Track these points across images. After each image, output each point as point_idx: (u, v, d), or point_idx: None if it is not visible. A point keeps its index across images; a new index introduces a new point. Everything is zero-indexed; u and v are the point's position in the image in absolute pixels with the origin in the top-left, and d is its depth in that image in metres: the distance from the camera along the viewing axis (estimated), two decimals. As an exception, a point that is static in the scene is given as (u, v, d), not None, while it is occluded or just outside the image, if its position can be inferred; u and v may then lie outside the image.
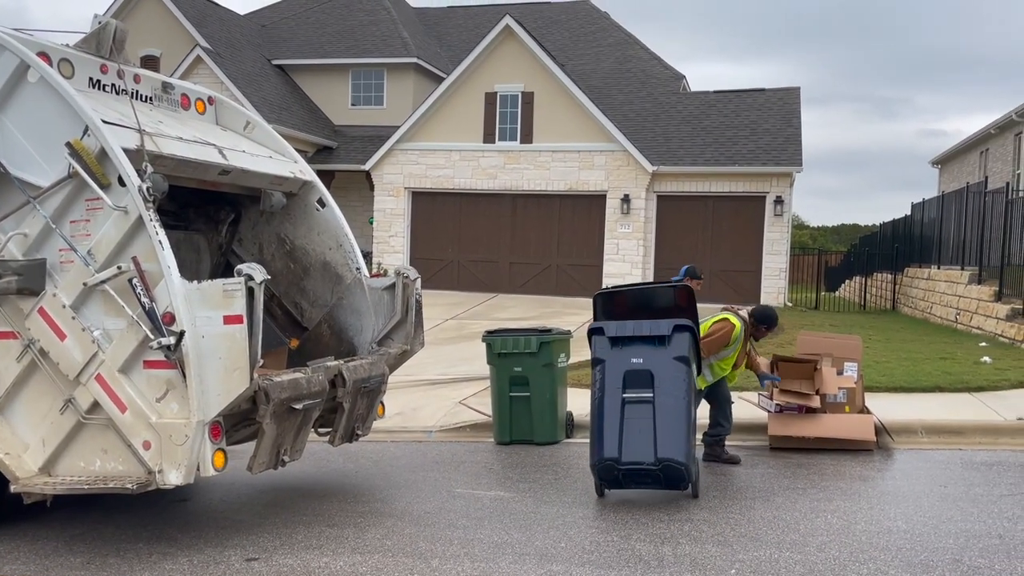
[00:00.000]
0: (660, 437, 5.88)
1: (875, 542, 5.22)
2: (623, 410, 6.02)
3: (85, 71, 5.82)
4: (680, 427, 5.94)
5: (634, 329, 6.18)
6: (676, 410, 5.98)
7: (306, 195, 6.93)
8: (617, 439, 5.96)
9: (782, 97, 22.96)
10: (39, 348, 5.27)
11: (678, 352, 6.09)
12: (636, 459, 5.90)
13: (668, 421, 5.94)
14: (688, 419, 6.02)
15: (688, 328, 6.16)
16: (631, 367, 6.09)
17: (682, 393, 6.04)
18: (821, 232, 54.46)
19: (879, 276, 24.45)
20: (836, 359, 8.18)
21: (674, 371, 6.07)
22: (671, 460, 5.86)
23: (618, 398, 6.05)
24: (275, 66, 26.22)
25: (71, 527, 5.79)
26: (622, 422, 5.99)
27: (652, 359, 6.09)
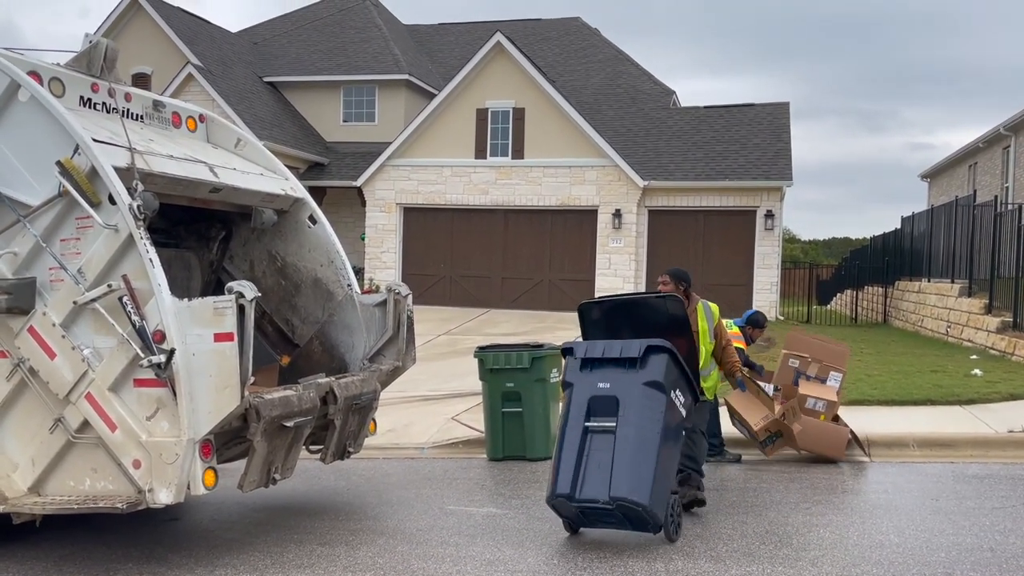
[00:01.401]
0: (616, 473, 5.22)
1: (868, 556, 5.22)
2: (584, 441, 5.39)
3: (76, 90, 5.82)
4: (643, 463, 5.24)
5: (604, 350, 5.56)
6: (640, 443, 5.27)
7: (297, 212, 6.93)
8: (572, 473, 5.33)
9: (771, 112, 23.12)
10: (29, 367, 5.24)
11: (651, 377, 5.41)
12: (590, 496, 5.27)
13: (628, 455, 5.25)
14: (655, 454, 5.26)
15: (666, 350, 5.49)
16: (597, 392, 5.48)
17: (650, 423, 5.32)
18: (812, 246, 54.69)
19: (870, 289, 24.56)
20: (823, 366, 8.09)
21: (643, 399, 5.37)
22: (625, 500, 5.17)
23: (580, 428, 5.43)
24: (266, 83, 26.27)
25: (61, 547, 5.74)
26: (581, 455, 5.36)
27: (620, 384, 5.45)
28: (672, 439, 5.52)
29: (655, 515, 5.25)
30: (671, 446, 5.51)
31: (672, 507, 5.47)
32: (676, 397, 5.54)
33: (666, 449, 5.40)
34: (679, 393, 5.57)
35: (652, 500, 5.21)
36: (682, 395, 5.60)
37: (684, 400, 5.63)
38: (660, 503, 5.31)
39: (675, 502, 5.55)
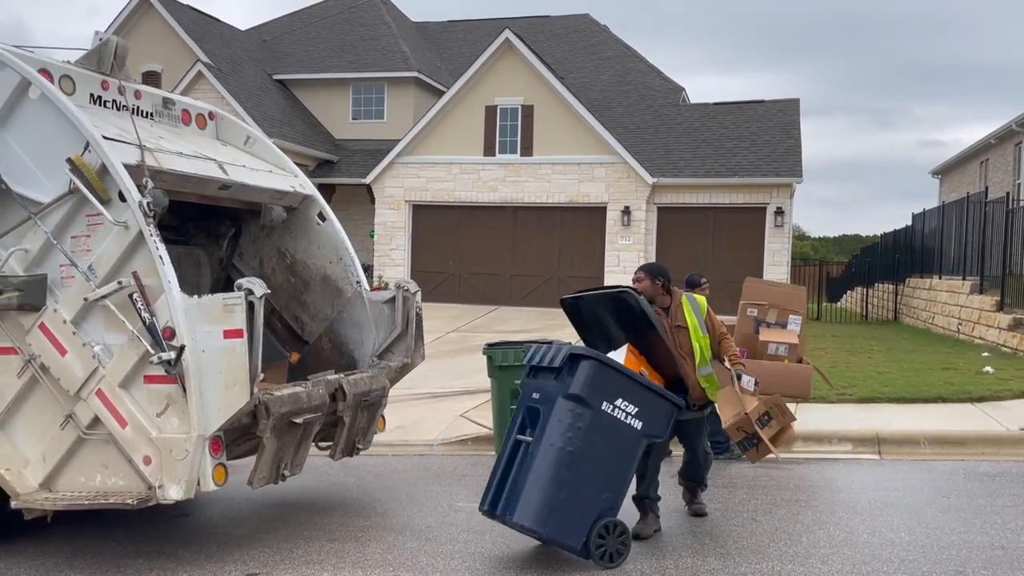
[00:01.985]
0: (510, 490, 4.97)
1: (878, 554, 5.20)
2: (514, 454, 5.10)
3: (86, 87, 5.85)
4: (539, 483, 4.83)
5: (541, 357, 5.18)
6: (543, 462, 4.87)
7: (306, 209, 6.94)
8: (496, 488, 5.11)
9: (781, 109, 23.03)
10: (40, 364, 5.27)
11: (570, 389, 4.93)
12: (503, 515, 4.99)
13: (530, 476, 4.89)
14: (559, 475, 4.83)
15: (590, 357, 4.99)
16: (531, 403, 5.16)
17: (561, 441, 4.87)
18: (822, 243, 54.52)
19: (881, 287, 24.44)
20: (781, 311, 7.78)
21: (559, 413, 4.91)
22: (518, 524, 4.87)
23: (512, 439, 5.17)
24: (276, 81, 26.32)
25: (72, 543, 5.77)
26: (509, 469, 5.09)
27: (546, 395, 5.05)
28: (601, 457, 4.94)
29: (558, 542, 4.90)
30: (598, 465, 4.94)
31: (607, 531, 4.93)
32: (617, 409, 4.99)
33: (587, 468, 4.89)
34: (623, 403, 5.00)
35: (550, 526, 4.82)
36: (630, 405, 5.02)
37: (636, 410, 5.04)
38: (565, 530, 4.84)
39: (612, 526, 4.95)
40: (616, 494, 5.06)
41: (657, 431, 5.20)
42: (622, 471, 5.09)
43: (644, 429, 5.10)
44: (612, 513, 5.01)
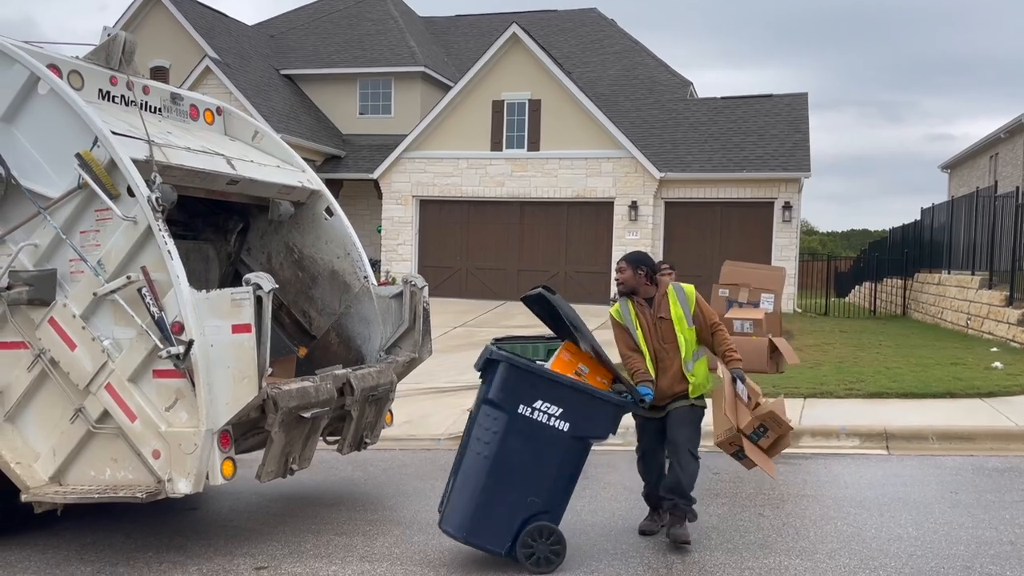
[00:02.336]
0: (447, 497, 5.10)
1: (885, 549, 5.19)
2: (455, 460, 5.18)
3: (95, 83, 5.86)
4: (463, 489, 4.88)
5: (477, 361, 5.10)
6: (468, 467, 4.90)
7: (314, 204, 6.96)
8: (444, 494, 5.22)
9: (789, 103, 22.95)
10: (50, 358, 5.29)
11: (488, 393, 4.87)
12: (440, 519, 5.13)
13: (455, 481, 4.98)
14: (476, 479, 4.83)
15: (502, 360, 4.85)
16: (473, 408, 5.18)
17: (478, 446, 4.86)
18: (830, 238, 54.34)
19: (889, 282, 24.35)
20: (754, 290, 7.62)
21: (481, 418, 4.90)
22: (444, 528, 4.99)
23: (461, 445, 5.19)
24: (283, 76, 26.35)
25: (81, 536, 5.81)
26: (451, 474, 5.19)
27: (477, 400, 5.11)
28: (522, 461, 4.82)
29: (478, 546, 4.89)
30: (520, 469, 4.83)
31: (537, 535, 4.83)
32: (537, 412, 4.81)
33: (507, 473, 4.83)
34: (544, 405, 4.80)
35: (467, 530, 4.85)
36: (552, 406, 4.81)
37: (561, 411, 4.81)
38: (488, 534, 4.82)
39: (541, 531, 4.83)
40: (547, 498, 4.87)
41: (594, 432, 4.91)
42: (550, 475, 4.87)
43: (574, 431, 4.83)
44: (546, 517, 4.86)
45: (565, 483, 4.97)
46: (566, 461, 4.90)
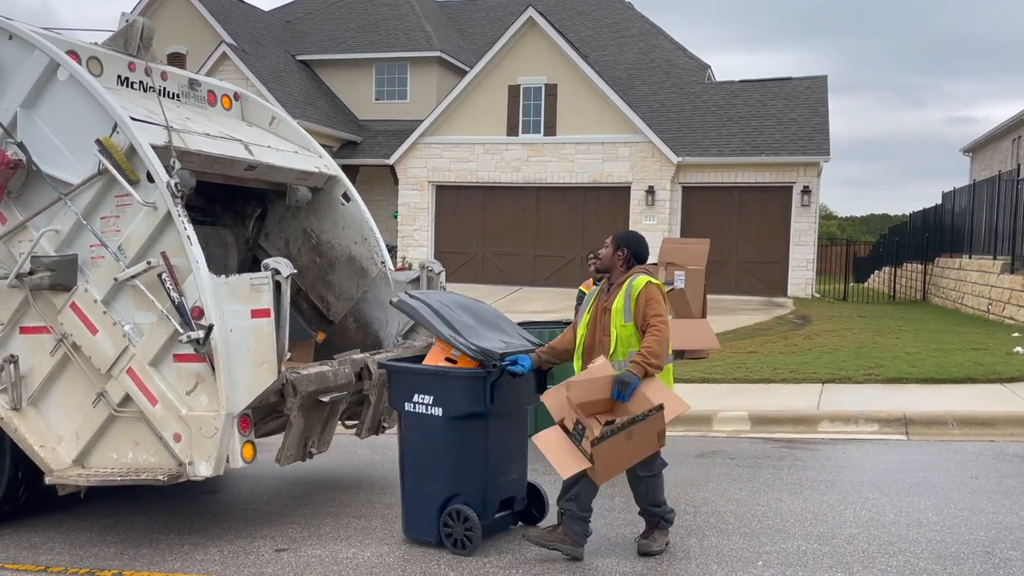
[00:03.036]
0: None
1: (905, 534, 5.17)
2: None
3: (113, 69, 5.89)
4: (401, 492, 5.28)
5: None
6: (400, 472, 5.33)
7: (331, 190, 6.97)
8: None
9: (809, 86, 22.72)
10: (72, 342, 5.35)
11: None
12: None
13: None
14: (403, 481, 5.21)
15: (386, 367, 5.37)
16: None
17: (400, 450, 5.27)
18: (849, 222, 53.89)
19: (909, 266, 24.13)
20: (669, 268, 6.83)
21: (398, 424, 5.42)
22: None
23: None
24: (299, 61, 26.36)
25: (104, 518, 5.89)
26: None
27: None
28: (422, 453, 5.07)
29: (419, 540, 5.11)
30: (423, 461, 5.08)
31: (452, 518, 4.95)
32: (417, 404, 5.04)
33: (417, 467, 5.10)
34: (420, 397, 5.03)
35: (407, 528, 5.21)
36: (425, 396, 5.01)
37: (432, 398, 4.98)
38: (421, 528, 5.09)
39: (455, 513, 4.94)
40: (450, 483, 4.99)
41: (461, 408, 4.94)
42: (444, 461, 5.01)
43: (448, 413, 4.96)
44: (459, 500, 4.98)
45: (462, 464, 5.02)
46: (454, 443, 5.00)
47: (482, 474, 5.05)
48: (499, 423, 5.09)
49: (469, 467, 5.03)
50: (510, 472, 5.24)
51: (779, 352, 11.70)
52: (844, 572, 4.58)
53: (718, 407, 8.79)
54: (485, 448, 5.03)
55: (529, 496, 5.47)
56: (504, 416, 5.12)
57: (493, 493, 5.12)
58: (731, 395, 9.34)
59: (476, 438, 5.00)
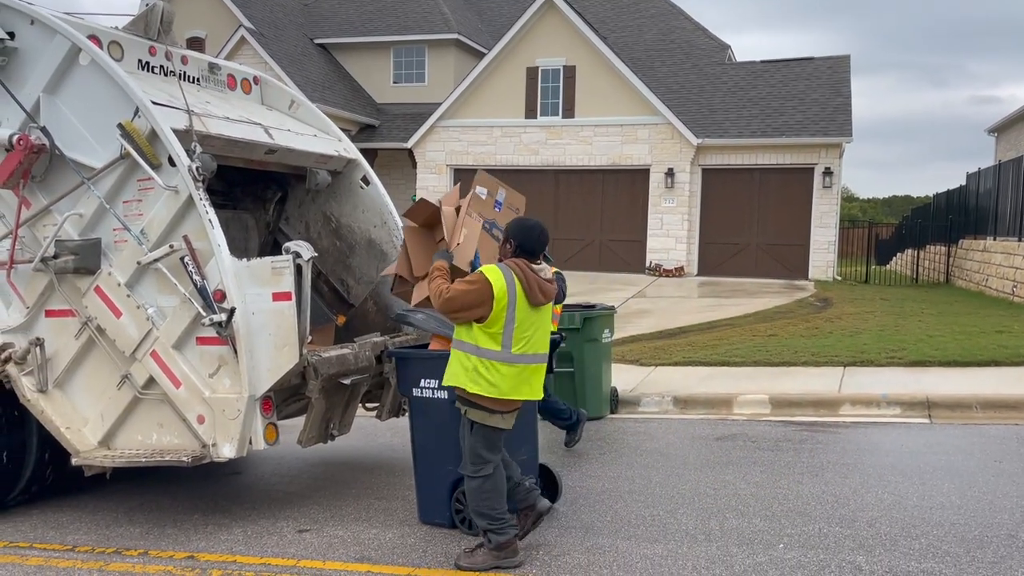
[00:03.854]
0: None
1: (928, 517, 5.14)
2: None
3: (134, 53, 5.91)
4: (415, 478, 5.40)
5: None
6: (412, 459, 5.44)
7: (350, 173, 6.98)
8: None
9: (831, 66, 22.43)
10: (96, 325, 5.41)
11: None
12: None
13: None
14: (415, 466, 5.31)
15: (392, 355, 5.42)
16: None
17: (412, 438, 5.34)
18: (871, 204, 53.33)
19: (932, 248, 23.86)
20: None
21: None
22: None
23: None
24: (317, 45, 26.35)
25: (130, 499, 5.97)
26: None
27: None
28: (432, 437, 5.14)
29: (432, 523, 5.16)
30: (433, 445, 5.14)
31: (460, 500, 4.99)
32: (424, 390, 5.12)
33: (429, 452, 5.17)
34: (426, 382, 5.09)
35: (423, 513, 5.28)
36: (432, 380, 5.06)
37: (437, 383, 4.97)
38: (433, 511, 5.16)
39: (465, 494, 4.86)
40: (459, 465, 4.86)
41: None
42: (453, 444, 4.93)
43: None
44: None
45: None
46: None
47: None
48: None
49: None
50: (519, 453, 5.23)
51: (800, 335, 11.63)
52: (866, 555, 4.57)
53: (738, 390, 8.76)
54: None
55: (542, 478, 5.48)
56: None
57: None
58: (751, 378, 9.30)
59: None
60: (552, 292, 4.55)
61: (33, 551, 5.02)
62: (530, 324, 4.49)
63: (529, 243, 4.57)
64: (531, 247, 4.57)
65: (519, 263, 4.50)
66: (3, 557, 4.94)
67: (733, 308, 15.06)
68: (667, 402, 8.70)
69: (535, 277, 4.48)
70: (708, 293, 17.79)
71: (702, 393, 8.76)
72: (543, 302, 4.53)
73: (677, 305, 15.92)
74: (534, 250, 4.58)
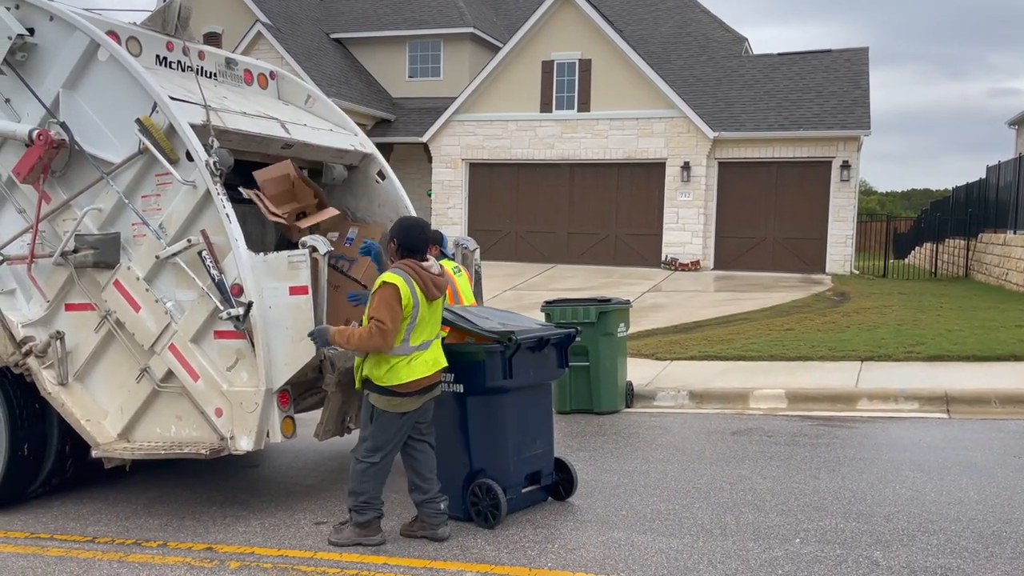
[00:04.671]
0: None
1: (945, 512, 5.11)
2: None
3: (152, 49, 5.95)
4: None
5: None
6: None
7: (366, 167, 6.99)
8: None
9: (849, 58, 22.23)
10: (115, 319, 5.46)
11: None
12: None
13: None
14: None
15: None
16: None
17: None
18: (890, 198, 52.89)
19: (951, 242, 23.64)
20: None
21: None
22: None
23: None
24: (333, 40, 26.39)
25: (149, 490, 6.03)
26: None
27: None
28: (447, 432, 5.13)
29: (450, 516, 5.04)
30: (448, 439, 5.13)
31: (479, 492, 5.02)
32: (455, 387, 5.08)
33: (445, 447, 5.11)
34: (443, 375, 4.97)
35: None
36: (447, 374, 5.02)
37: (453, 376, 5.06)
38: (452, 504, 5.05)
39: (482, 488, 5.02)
40: (475, 458, 5.06)
41: (483, 383, 5.00)
42: (468, 436, 5.07)
43: (468, 388, 5.04)
44: (484, 475, 5.06)
45: (485, 439, 5.09)
46: (476, 419, 5.07)
47: (505, 448, 5.11)
48: (519, 397, 5.18)
49: (492, 442, 5.10)
50: (535, 446, 5.30)
51: (817, 329, 11.57)
52: (883, 550, 4.55)
53: (754, 384, 8.73)
54: (506, 422, 5.10)
55: (558, 471, 5.50)
56: (525, 390, 5.20)
57: (518, 467, 5.18)
58: (768, 372, 9.26)
59: (497, 413, 5.09)
60: (443, 285, 4.79)
61: (54, 542, 5.09)
62: (427, 316, 4.75)
63: (410, 241, 4.78)
64: (412, 244, 4.77)
65: (410, 264, 4.72)
66: (25, 548, 5.00)
67: (749, 302, 14.99)
68: (683, 396, 8.68)
69: (427, 274, 4.71)
70: (724, 287, 17.72)
71: (718, 388, 8.74)
72: (438, 296, 4.79)
73: (693, 299, 15.87)
74: (416, 247, 4.77)
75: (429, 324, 4.79)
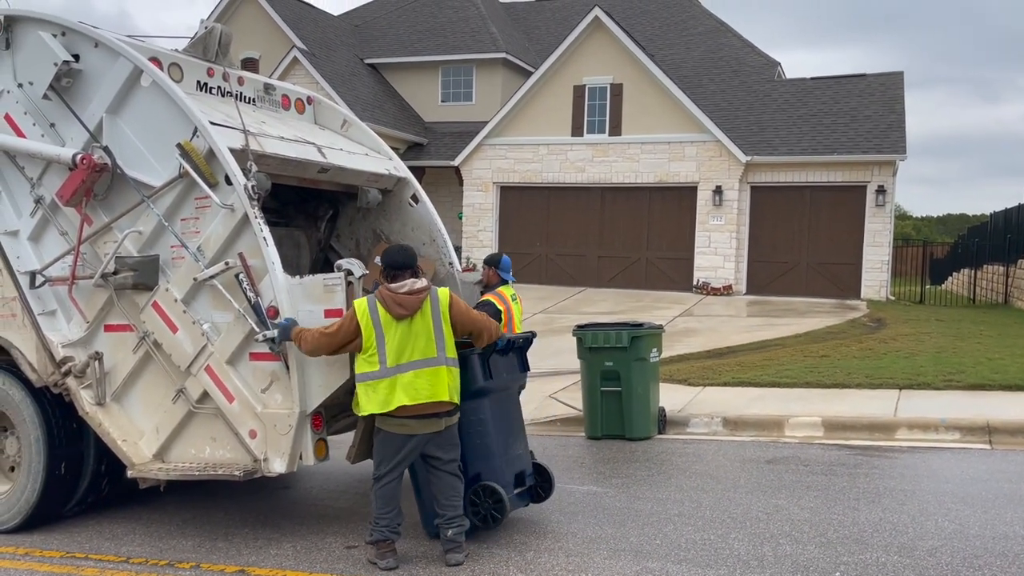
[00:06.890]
0: None
1: (990, 547, 4.97)
2: None
3: (193, 75, 6.05)
4: None
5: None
6: None
7: (400, 191, 7.04)
8: None
9: (884, 82, 22.05)
10: (153, 340, 5.52)
11: None
12: None
13: None
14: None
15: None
16: None
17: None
18: (925, 223, 52.18)
19: (989, 268, 23.21)
20: None
21: None
22: None
23: None
24: (367, 65, 26.75)
25: (182, 511, 6.06)
26: None
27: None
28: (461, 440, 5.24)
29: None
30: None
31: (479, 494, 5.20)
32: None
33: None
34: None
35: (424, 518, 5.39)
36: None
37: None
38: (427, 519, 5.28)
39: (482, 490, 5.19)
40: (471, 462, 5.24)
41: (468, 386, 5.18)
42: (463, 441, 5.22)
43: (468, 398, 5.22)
44: (483, 478, 5.24)
45: (478, 443, 5.27)
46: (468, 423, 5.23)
47: (495, 450, 5.31)
48: (498, 399, 5.44)
49: (484, 445, 5.29)
50: (516, 447, 5.54)
51: (853, 356, 11.38)
52: (926, 586, 4.42)
53: (789, 412, 8.59)
54: (491, 425, 5.32)
55: (537, 475, 5.71)
56: (501, 392, 5.49)
57: (508, 467, 5.39)
58: (803, 400, 9.12)
59: (483, 415, 5.30)
60: (410, 304, 4.91)
61: (88, 562, 5.12)
62: (403, 336, 4.88)
63: (387, 259, 5.14)
64: (388, 261, 5.12)
65: (381, 288, 5.02)
66: (60, 568, 5.04)
67: (783, 328, 14.81)
68: (716, 423, 8.57)
69: (390, 295, 4.92)
70: (757, 312, 17.54)
71: (752, 415, 8.62)
72: (403, 313, 4.90)
73: (725, 324, 15.71)
74: (393, 262, 5.08)
75: (411, 343, 4.90)
